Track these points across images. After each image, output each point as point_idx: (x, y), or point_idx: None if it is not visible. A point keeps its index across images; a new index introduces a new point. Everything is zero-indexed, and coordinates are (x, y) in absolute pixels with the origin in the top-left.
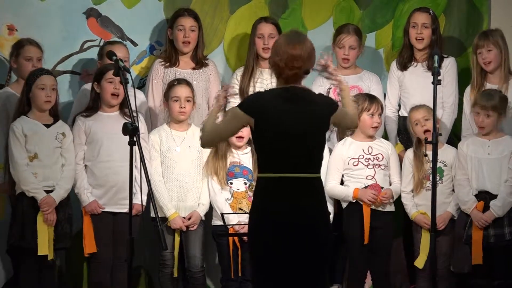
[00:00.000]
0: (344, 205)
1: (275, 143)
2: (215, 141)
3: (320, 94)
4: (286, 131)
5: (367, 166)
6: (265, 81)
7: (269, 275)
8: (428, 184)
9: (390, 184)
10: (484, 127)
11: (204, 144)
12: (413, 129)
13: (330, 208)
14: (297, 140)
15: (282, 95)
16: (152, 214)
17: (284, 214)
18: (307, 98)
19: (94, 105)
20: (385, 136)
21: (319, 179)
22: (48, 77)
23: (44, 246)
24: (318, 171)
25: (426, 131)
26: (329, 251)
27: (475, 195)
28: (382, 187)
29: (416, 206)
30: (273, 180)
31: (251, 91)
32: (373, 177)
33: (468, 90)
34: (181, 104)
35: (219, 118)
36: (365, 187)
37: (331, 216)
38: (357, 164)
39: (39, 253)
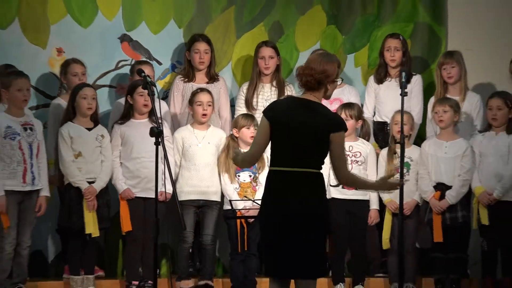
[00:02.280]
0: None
1: (283, 142)
2: (256, 154)
3: (334, 113)
4: (293, 133)
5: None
6: (265, 94)
7: (275, 251)
8: (397, 175)
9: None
10: (443, 120)
11: (247, 163)
12: (391, 126)
13: None
14: (302, 141)
15: (294, 103)
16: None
17: (288, 201)
18: (315, 109)
19: (127, 114)
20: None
21: (319, 174)
22: (89, 89)
23: (90, 226)
24: (319, 168)
25: (399, 131)
26: (325, 233)
27: (434, 186)
28: None
29: (388, 194)
30: (280, 173)
31: (254, 101)
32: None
33: (432, 100)
34: (203, 107)
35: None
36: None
37: None
38: None
39: (87, 232)
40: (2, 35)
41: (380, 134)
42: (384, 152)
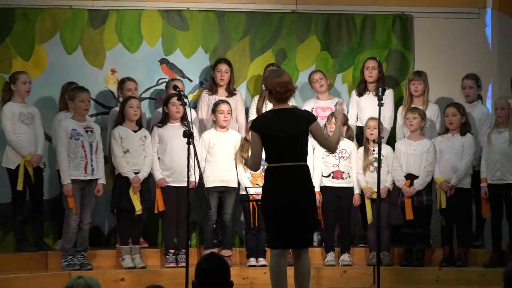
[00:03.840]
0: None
1: (274, 144)
2: (258, 161)
3: (304, 110)
4: (280, 136)
5: (334, 157)
6: None
7: (275, 227)
8: (372, 168)
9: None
10: (413, 124)
11: (253, 168)
12: (365, 130)
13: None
14: (288, 141)
15: (276, 113)
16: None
17: (283, 189)
18: (292, 114)
19: (164, 119)
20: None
21: (306, 165)
22: (134, 100)
23: (137, 206)
24: (305, 160)
25: (371, 134)
26: (314, 214)
27: (405, 176)
28: (343, 172)
29: (366, 182)
30: (275, 168)
31: (264, 109)
32: (337, 165)
33: (400, 109)
34: (225, 115)
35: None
36: (331, 172)
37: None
38: (328, 155)
39: (136, 209)
40: (68, 59)
41: (361, 136)
42: (360, 150)
